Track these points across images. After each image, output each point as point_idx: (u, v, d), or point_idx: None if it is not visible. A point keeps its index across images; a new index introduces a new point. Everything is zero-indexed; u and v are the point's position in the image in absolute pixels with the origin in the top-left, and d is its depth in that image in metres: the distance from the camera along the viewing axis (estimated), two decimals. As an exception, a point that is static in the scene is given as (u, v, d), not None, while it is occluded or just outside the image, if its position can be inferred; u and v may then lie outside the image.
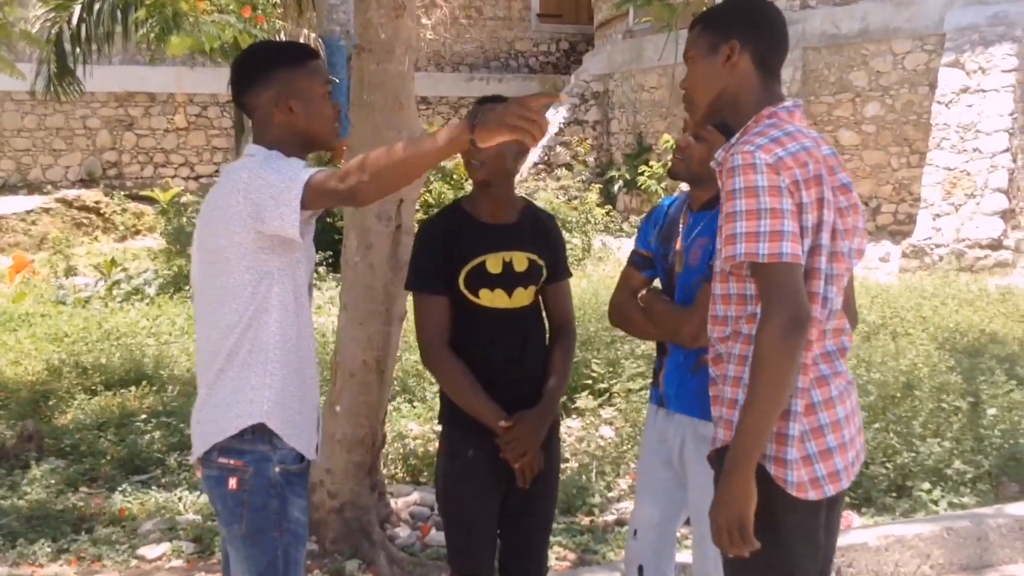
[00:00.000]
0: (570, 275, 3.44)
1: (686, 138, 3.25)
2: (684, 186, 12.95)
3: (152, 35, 9.24)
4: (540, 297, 3.32)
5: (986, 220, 11.72)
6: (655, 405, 3.29)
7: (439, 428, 5.95)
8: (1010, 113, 12.60)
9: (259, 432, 2.66)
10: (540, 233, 3.30)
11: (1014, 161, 12.39)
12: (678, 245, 3.21)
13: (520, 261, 3.21)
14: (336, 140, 2.88)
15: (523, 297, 3.22)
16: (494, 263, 3.17)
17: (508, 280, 3.19)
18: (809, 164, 2.39)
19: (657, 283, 3.33)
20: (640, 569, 3.29)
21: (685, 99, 2.70)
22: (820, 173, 2.40)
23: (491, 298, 3.17)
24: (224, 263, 2.64)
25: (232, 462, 2.65)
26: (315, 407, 2.82)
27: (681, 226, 3.23)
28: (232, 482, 2.65)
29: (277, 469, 2.67)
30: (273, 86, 2.73)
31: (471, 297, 3.16)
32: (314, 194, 2.50)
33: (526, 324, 3.25)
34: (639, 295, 3.28)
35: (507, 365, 3.19)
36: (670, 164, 3.37)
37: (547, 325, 3.37)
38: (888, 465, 5.19)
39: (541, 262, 3.26)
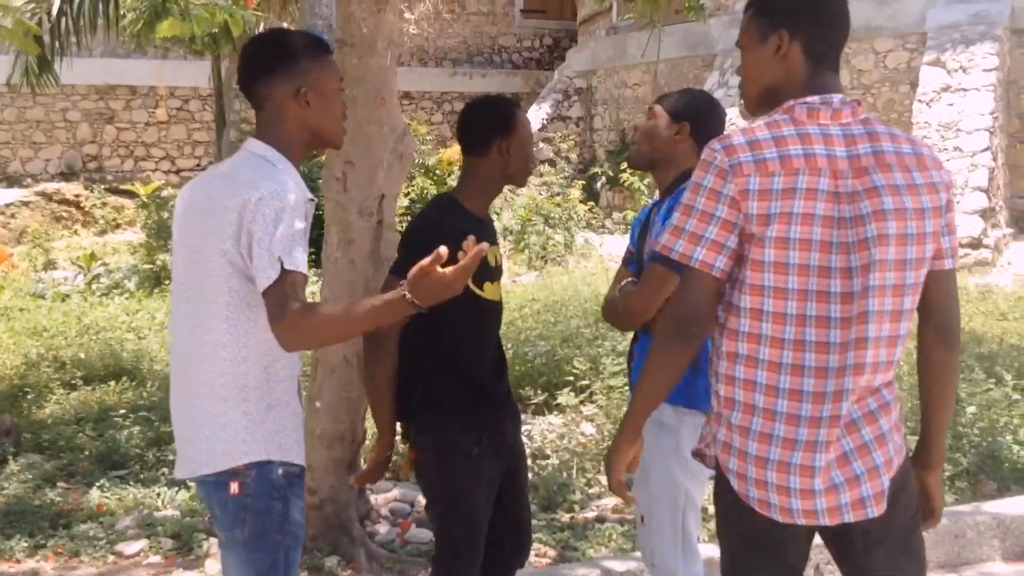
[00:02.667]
0: None
1: (638, 122, 3.42)
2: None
3: (140, 23, 9.18)
4: None
5: (966, 219, 11.77)
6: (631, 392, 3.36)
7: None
8: (991, 112, 12.66)
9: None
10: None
11: (994, 160, 12.45)
12: (648, 235, 3.29)
13: (493, 255, 3.25)
14: (342, 140, 2.80)
15: (498, 290, 3.29)
16: (491, 255, 3.20)
17: (496, 273, 3.26)
18: (777, 176, 2.27)
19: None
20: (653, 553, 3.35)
21: (740, 86, 2.60)
22: (795, 186, 2.27)
23: (492, 291, 3.22)
24: (211, 276, 2.55)
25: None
26: (301, 415, 2.75)
27: (652, 217, 3.32)
28: (234, 487, 2.57)
29: (280, 471, 2.61)
30: (295, 77, 2.63)
31: (476, 290, 3.14)
32: (280, 292, 2.42)
33: (500, 314, 3.34)
34: (618, 288, 3.31)
35: (498, 357, 3.31)
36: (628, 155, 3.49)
37: None
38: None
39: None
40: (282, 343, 2.45)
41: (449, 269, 2.38)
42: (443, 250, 2.37)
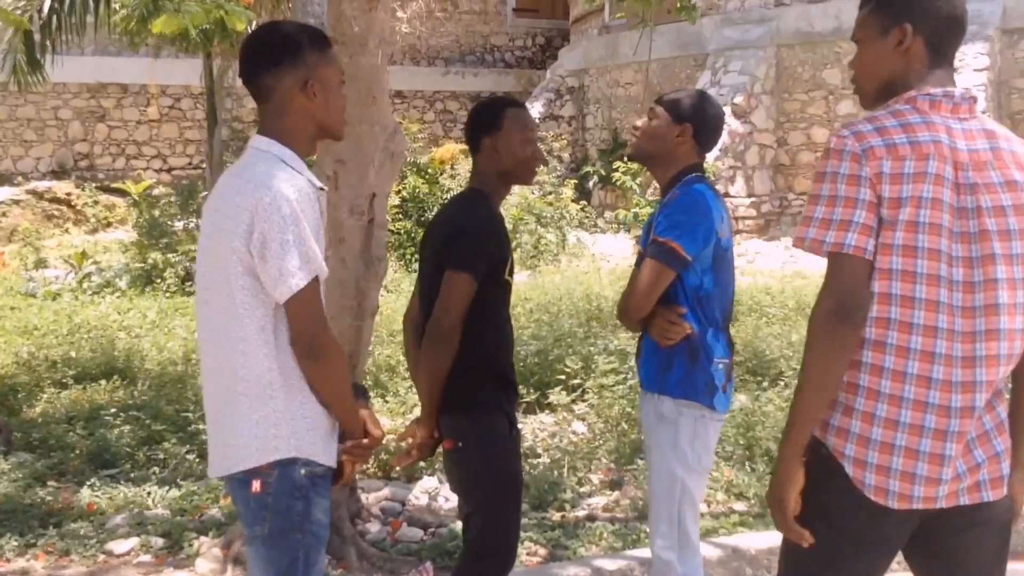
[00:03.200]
0: None
1: (641, 119, 3.47)
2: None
3: (133, 20, 9.15)
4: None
5: (957, 218, 11.81)
6: (644, 390, 3.44)
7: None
8: (981, 111, 12.68)
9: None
10: None
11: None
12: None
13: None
14: (343, 132, 2.83)
15: None
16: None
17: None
18: (908, 160, 2.30)
19: None
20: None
21: (853, 81, 2.60)
22: (926, 171, 2.30)
23: (512, 280, 3.37)
24: (224, 275, 2.57)
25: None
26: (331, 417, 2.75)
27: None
28: (256, 485, 2.59)
29: (303, 471, 2.61)
30: (301, 69, 2.63)
31: (508, 279, 3.32)
32: (302, 303, 2.52)
33: None
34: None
35: (510, 344, 3.44)
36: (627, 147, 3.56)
37: None
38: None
39: None
40: (304, 354, 2.56)
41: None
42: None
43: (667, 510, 3.29)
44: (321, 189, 2.68)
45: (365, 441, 2.73)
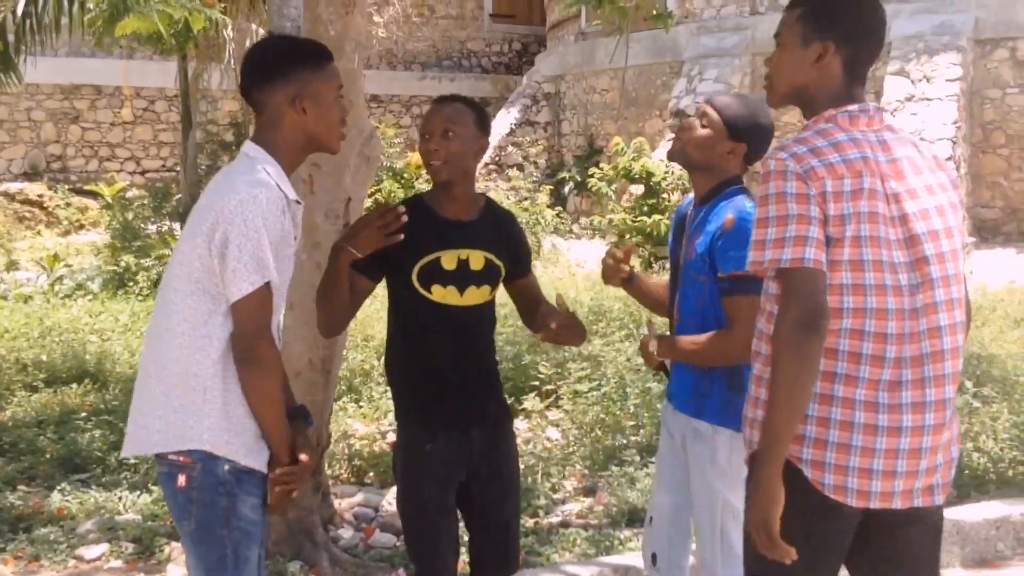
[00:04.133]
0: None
1: (691, 120, 3.28)
2: (634, 187, 12.90)
3: (101, 20, 9.09)
4: (511, 289, 3.40)
5: (929, 227, 11.89)
6: (667, 399, 3.39)
7: (387, 427, 5.94)
8: (953, 122, 12.79)
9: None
10: (500, 232, 3.33)
11: (957, 169, 12.58)
12: (685, 240, 3.29)
13: (477, 259, 3.23)
14: (338, 146, 2.86)
15: (475, 295, 3.23)
16: (449, 260, 3.19)
17: (462, 277, 3.20)
18: (845, 179, 2.38)
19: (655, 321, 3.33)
20: (654, 557, 3.36)
21: (767, 76, 2.66)
22: (862, 187, 2.39)
23: (443, 294, 3.19)
24: (179, 267, 2.65)
25: (181, 459, 2.64)
26: None
27: (688, 221, 3.31)
28: (181, 479, 2.63)
29: (227, 467, 2.63)
30: (292, 85, 2.70)
31: (423, 292, 3.18)
32: (245, 308, 2.56)
33: (475, 322, 3.27)
34: (646, 345, 3.29)
35: (457, 359, 3.23)
36: (671, 145, 3.38)
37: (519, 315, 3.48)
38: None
39: (499, 262, 3.28)
40: (239, 359, 2.59)
41: None
42: None
43: (710, 526, 3.22)
44: (297, 202, 2.72)
45: (290, 469, 2.69)
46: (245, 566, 2.69)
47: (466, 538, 3.47)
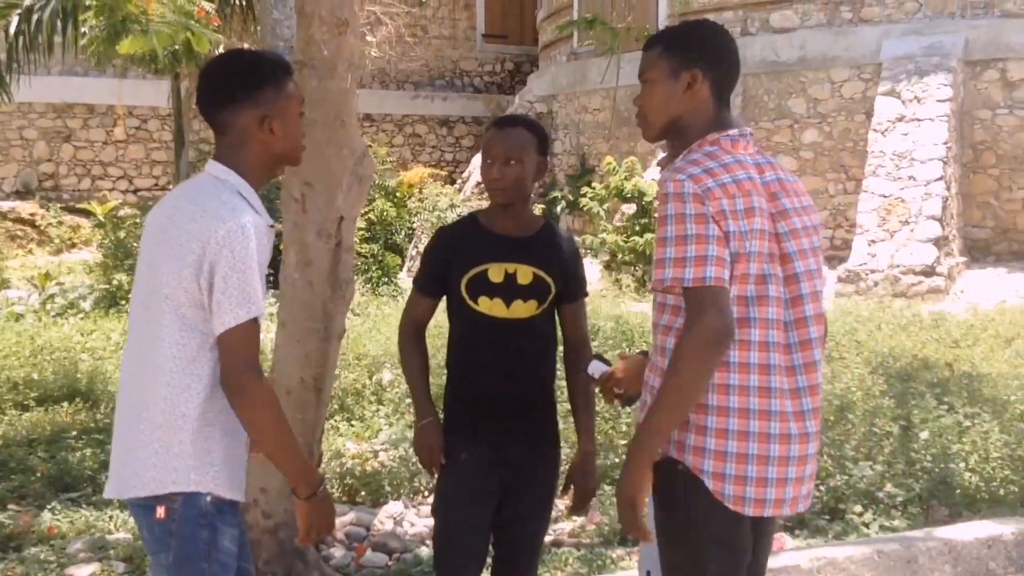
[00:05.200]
0: (586, 295, 3.52)
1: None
2: (626, 206, 12.95)
3: (99, 40, 9.11)
4: (558, 314, 3.42)
5: (920, 247, 11.92)
6: None
7: (378, 446, 5.93)
8: (944, 142, 12.85)
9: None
10: (553, 250, 3.38)
11: (947, 189, 12.63)
12: None
13: (525, 274, 3.29)
14: (300, 158, 2.82)
15: (522, 309, 3.28)
16: (496, 272, 3.27)
17: (508, 290, 3.27)
18: (738, 198, 2.50)
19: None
20: (648, 575, 3.34)
21: (639, 116, 2.77)
22: (752, 205, 2.52)
23: (489, 306, 3.27)
24: (162, 300, 2.56)
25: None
26: (245, 444, 2.72)
27: None
28: (160, 511, 2.57)
29: (208, 499, 2.59)
30: (260, 106, 2.63)
31: (470, 303, 3.28)
32: (231, 341, 2.48)
33: (522, 335, 3.31)
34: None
35: (498, 371, 3.29)
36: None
37: (562, 344, 3.51)
38: (821, 488, 5.25)
39: (549, 279, 3.32)
40: (229, 394, 2.50)
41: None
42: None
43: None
44: (271, 227, 2.65)
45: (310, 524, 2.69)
46: None
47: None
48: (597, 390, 3.18)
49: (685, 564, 2.63)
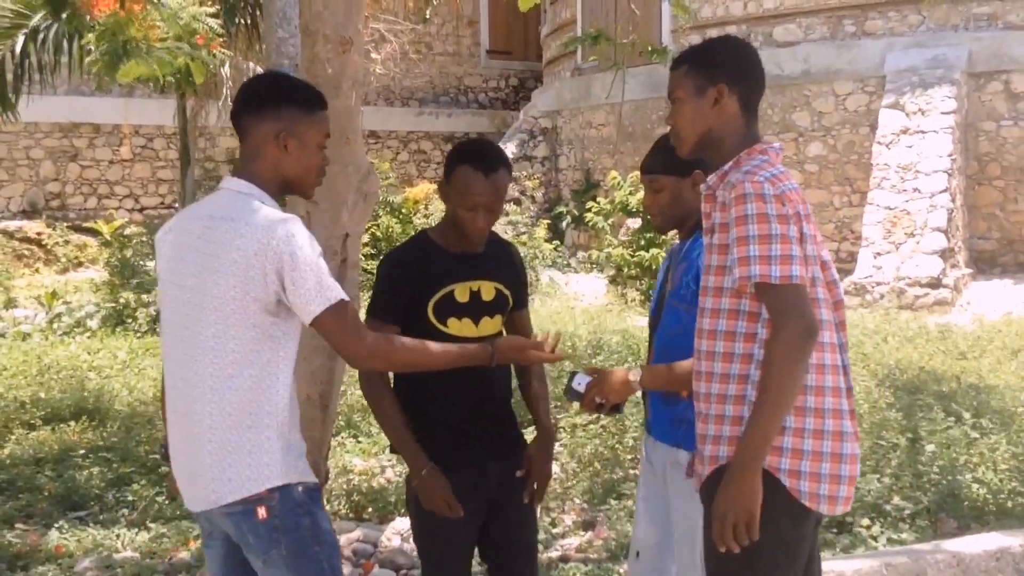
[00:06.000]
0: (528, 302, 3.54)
1: (646, 198, 3.40)
2: (631, 221, 13.01)
3: (102, 63, 9.16)
4: (507, 323, 3.41)
5: (925, 259, 11.91)
6: (646, 430, 3.40)
7: (386, 462, 5.93)
8: (948, 154, 12.85)
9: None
10: (505, 263, 3.39)
11: (953, 201, 12.63)
12: (671, 273, 3.36)
13: (488, 290, 3.29)
14: (312, 192, 2.93)
15: (490, 326, 3.29)
16: (462, 292, 3.24)
17: (476, 309, 3.26)
18: (799, 203, 2.61)
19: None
20: None
21: (672, 134, 2.86)
22: (809, 212, 2.65)
23: (459, 327, 3.23)
24: (225, 314, 2.66)
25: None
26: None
27: (673, 255, 3.40)
28: (261, 512, 2.69)
29: (300, 488, 2.74)
30: (281, 120, 2.76)
31: (439, 326, 3.21)
32: (341, 318, 2.65)
33: None
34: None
35: (474, 393, 3.25)
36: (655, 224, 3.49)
37: None
38: (829, 501, 5.23)
39: (507, 292, 3.34)
40: (359, 365, 2.81)
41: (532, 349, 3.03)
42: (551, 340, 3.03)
43: (691, 557, 3.18)
44: None
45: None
46: (338, 574, 2.79)
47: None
48: (576, 404, 3.26)
49: (742, 568, 2.63)
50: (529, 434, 3.52)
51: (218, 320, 2.66)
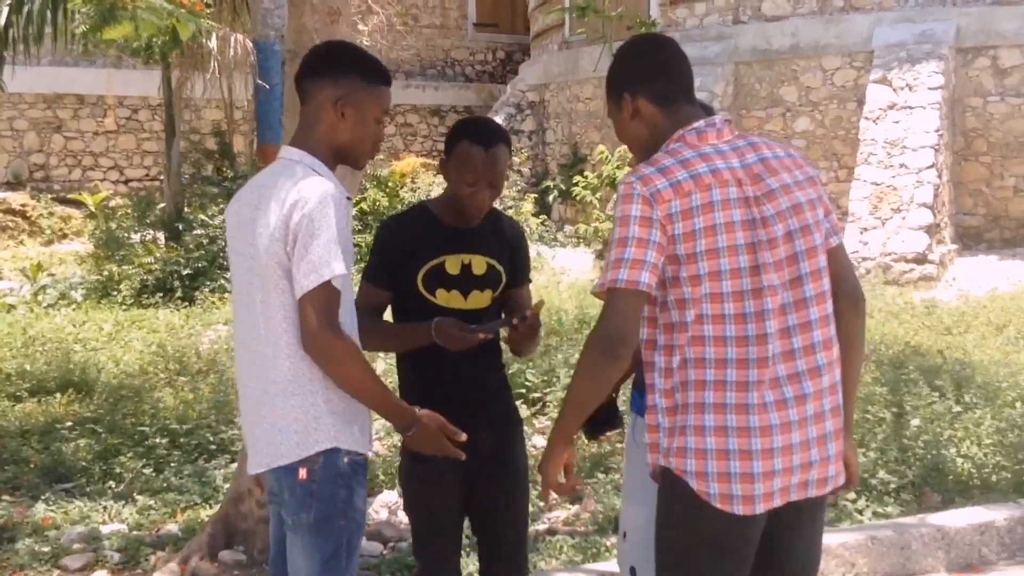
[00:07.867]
0: (529, 281, 3.52)
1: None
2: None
3: (86, 26, 9.08)
4: (502, 302, 3.39)
5: (911, 234, 11.94)
6: (635, 412, 3.34)
7: (376, 435, 5.92)
8: (936, 130, 12.86)
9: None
10: (502, 239, 3.38)
11: (939, 177, 12.64)
12: None
13: (479, 264, 3.29)
14: (365, 163, 2.96)
15: (479, 299, 3.29)
16: (453, 264, 3.26)
17: (465, 282, 3.27)
18: (694, 194, 2.48)
19: None
20: (632, 570, 3.33)
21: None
22: (711, 200, 2.49)
23: (447, 298, 3.25)
24: (265, 279, 2.70)
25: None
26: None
27: None
28: (302, 472, 2.71)
29: (346, 459, 2.74)
30: (341, 87, 2.79)
31: (428, 296, 3.24)
32: (314, 303, 2.62)
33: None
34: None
35: (459, 364, 3.24)
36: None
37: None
38: (815, 475, 5.26)
39: (500, 267, 3.34)
40: (313, 356, 2.66)
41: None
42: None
43: (648, 536, 3.20)
44: (348, 199, 2.80)
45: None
46: (355, 556, 2.80)
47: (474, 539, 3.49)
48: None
49: (675, 562, 2.63)
50: (527, 428, 3.52)
51: (263, 287, 2.71)
